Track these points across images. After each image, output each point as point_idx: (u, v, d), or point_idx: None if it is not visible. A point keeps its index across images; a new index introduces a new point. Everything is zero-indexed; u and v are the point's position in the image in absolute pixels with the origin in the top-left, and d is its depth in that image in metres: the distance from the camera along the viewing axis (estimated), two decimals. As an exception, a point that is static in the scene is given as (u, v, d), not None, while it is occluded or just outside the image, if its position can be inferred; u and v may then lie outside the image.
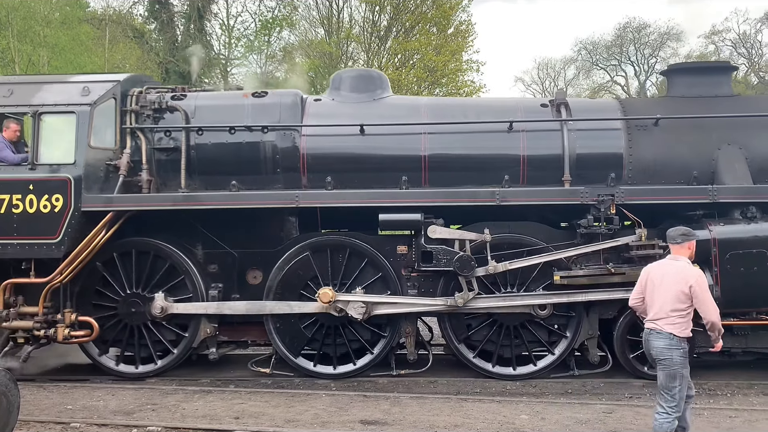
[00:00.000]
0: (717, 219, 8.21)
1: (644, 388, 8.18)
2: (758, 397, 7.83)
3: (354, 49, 29.22)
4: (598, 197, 8.23)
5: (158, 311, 8.73)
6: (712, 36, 46.42)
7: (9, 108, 8.96)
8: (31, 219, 8.63)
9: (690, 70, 9.35)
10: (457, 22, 29.16)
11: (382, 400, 7.62)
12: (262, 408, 7.33)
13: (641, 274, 5.87)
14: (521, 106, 9.22)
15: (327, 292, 8.52)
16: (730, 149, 8.57)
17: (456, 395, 7.86)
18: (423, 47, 27.39)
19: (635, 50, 48.05)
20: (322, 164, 8.88)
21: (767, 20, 44.29)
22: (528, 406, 7.28)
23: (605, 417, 6.83)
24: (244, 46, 29.17)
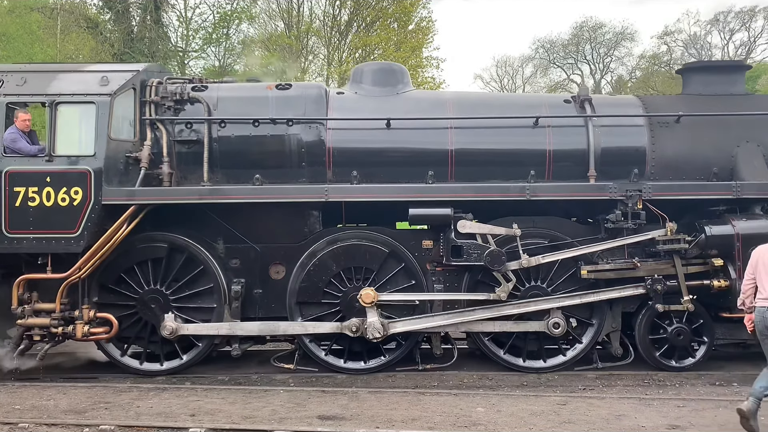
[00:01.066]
0: (739, 214, 8.41)
1: (597, 379, 8.36)
2: (705, 387, 8.06)
3: (314, 43, 29.11)
4: (626, 193, 8.36)
5: (168, 332, 8.50)
6: (664, 36, 47.76)
7: (24, 97, 8.64)
8: (49, 212, 8.35)
9: (705, 68, 9.57)
10: (418, 19, 29.39)
11: (340, 395, 7.61)
12: (219, 405, 7.24)
13: (751, 258, 6.21)
14: (545, 101, 9.32)
15: (369, 293, 8.41)
16: (748, 146, 8.80)
17: (414, 389, 7.92)
18: (384, 42, 27.44)
19: (591, 49, 49.18)
20: (347, 158, 8.81)
21: (716, 22, 45.89)
22: (484, 399, 7.38)
23: (559, 408, 6.97)
24: (203, 39, 28.55)
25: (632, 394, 7.61)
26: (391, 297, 8.60)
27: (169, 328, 8.50)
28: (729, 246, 8.23)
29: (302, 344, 8.90)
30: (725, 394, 7.65)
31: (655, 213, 8.47)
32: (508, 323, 8.59)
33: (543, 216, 8.90)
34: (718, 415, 6.68)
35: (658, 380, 8.32)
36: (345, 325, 8.51)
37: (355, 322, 8.46)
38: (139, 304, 8.80)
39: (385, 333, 8.40)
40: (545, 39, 49.59)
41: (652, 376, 8.43)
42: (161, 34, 27.16)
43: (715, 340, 8.84)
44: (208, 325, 8.68)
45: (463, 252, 8.39)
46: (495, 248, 8.33)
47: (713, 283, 8.34)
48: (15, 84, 8.62)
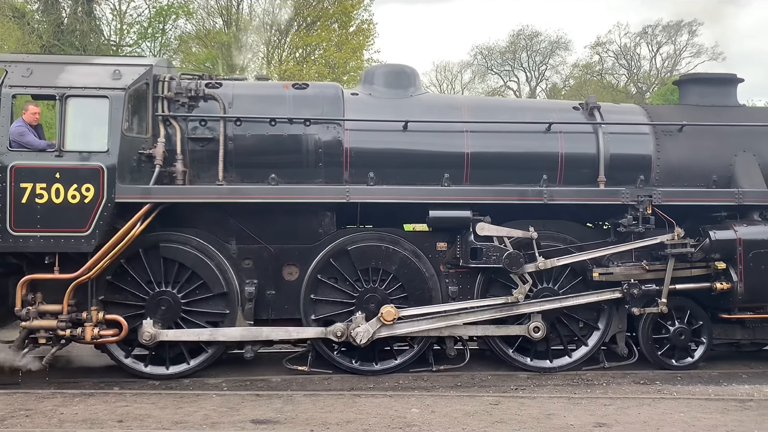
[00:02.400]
0: (739, 220, 8.85)
1: (529, 379, 8.57)
2: (630, 386, 8.35)
3: (254, 41, 28.92)
4: (638, 198, 8.67)
5: (147, 338, 8.28)
6: (596, 47, 49.61)
7: (31, 89, 8.30)
8: (58, 210, 8.05)
9: (702, 80, 9.98)
10: (359, 21, 29.60)
11: (275, 399, 7.51)
12: (148, 410, 7.03)
13: None
14: (555, 107, 9.60)
15: (390, 311, 8.43)
16: (745, 156, 9.27)
17: (350, 391, 7.95)
18: (324, 43, 27.47)
19: (527, 57, 50.56)
20: (364, 159, 8.82)
21: (645, 35, 47.94)
22: (419, 400, 7.43)
23: (491, 408, 7.08)
24: (137, 33, 27.88)
25: (562, 394, 7.83)
26: (411, 312, 8.62)
27: (147, 334, 8.27)
28: (731, 250, 8.64)
29: (316, 345, 8.85)
30: (648, 392, 7.97)
31: (662, 218, 8.79)
32: (490, 327, 8.78)
33: (552, 219, 9.10)
34: (642, 413, 6.92)
35: (587, 380, 8.59)
36: (330, 330, 8.49)
37: (340, 327, 8.46)
38: (149, 305, 8.55)
39: (371, 339, 8.44)
40: (483, 46, 50.54)
41: (581, 376, 8.69)
42: (93, 26, 26.22)
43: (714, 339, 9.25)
44: (188, 331, 8.48)
45: (481, 254, 8.50)
46: (514, 251, 8.50)
47: (716, 285, 8.73)
48: (20, 75, 8.24)
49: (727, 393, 7.97)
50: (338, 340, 8.51)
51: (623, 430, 6.38)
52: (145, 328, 8.28)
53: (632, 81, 49.99)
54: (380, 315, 8.44)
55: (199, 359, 8.73)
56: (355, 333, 8.38)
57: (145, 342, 8.31)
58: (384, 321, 8.43)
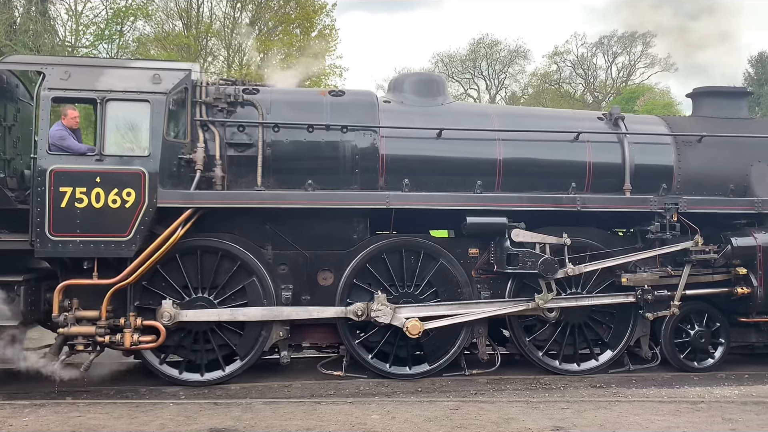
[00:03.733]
0: (757, 227, 9.24)
1: (488, 384, 8.66)
2: (587, 389, 8.51)
3: (214, 45, 28.82)
4: (665, 206, 8.98)
5: (166, 319, 8.27)
6: (554, 56, 50.82)
7: (71, 92, 8.20)
8: (98, 214, 7.97)
9: (715, 93, 10.38)
10: (321, 26, 29.76)
11: (233, 407, 7.47)
12: (103, 420, 6.87)
13: None
14: (581, 117, 9.93)
15: (416, 324, 8.52)
16: (760, 166, 9.70)
17: (310, 398, 7.90)
18: (286, 47, 27.56)
19: (487, 65, 51.40)
20: (400, 166, 8.95)
21: (601, 45, 49.35)
22: (380, 406, 7.45)
23: (451, 413, 7.15)
24: (94, 35, 26.84)
25: (521, 398, 7.93)
26: (436, 324, 8.73)
27: (167, 314, 8.25)
28: (752, 256, 9.03)
29: (350, 349, 8.92)
30: (605, 395, 8.13)
31: (685, 225, 9.13)
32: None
33: (578, 226, 9.33)
34: (598, 416, 7.07)
35: (545, 384, 8.71)
36: (350, 309, 8.60)
37: (360, 306, 8.59)
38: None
39: (392, 313, 8.55)
40: (444, 53, 51.16)
41: (539, 380, 8.82)
42: (48, 27, 25.34)
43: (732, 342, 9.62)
44: (208, 312, 8.46)
45: (517, 260, 8.69)
46: (549, 257, 8.72)
47: (737, 290, 9.09)
48: (59, 78, 8.16)
49: (680, 395, 8.18)
50: (358, 320, 8.59)
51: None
52: (165, 308, 8.24)
53: (588, 90, 51.34)
54: (406, 328, 8.54)
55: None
56: (375, 312, 8.50)
57: (165, 323, 8.25)
58: (410, 334, 8.53)
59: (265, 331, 8.70)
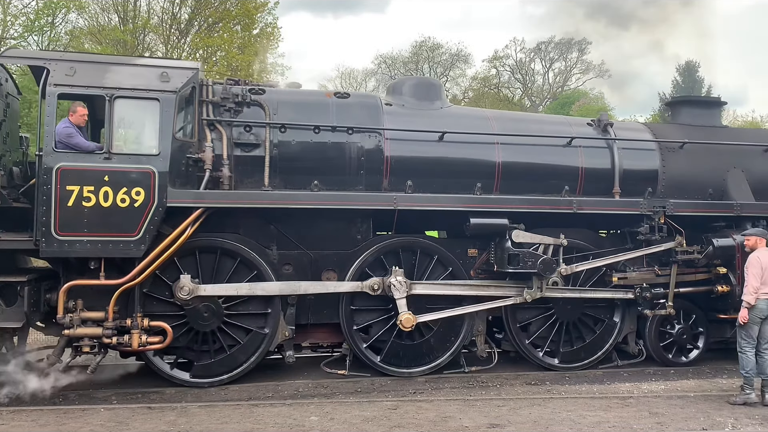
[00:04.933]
0: (735, 229, 9.81)
1: (427, 383, 8.77)
2: (522, 386, 8.67)
3: (152, 40, 28.39)
4: (654, 208, 9.45)
5: (185, 294, 8.26)
6: (494, 61, 51.96)
7: (78, 89, 8.02)
8: (106, 213, 7.84)
9: (692, 102, 11.01)
10: (263, 24, 29.60)
11: (167, 411, 7.27)
12: (28, 428, 6.64)
13: (755, 263, 7.79)
14: (572, 122, 10.30)
15: (409, 318, 8.74)
16: (736, 172, 10.30)
17: (247, 401, 7.79)
18: (227, 44, 27.43)
19: (429, 68, 52.04)
20: (403, 168, 9.12)
21: (539, 51, 50.80)
22: (318, 408, 7.43)
23: (390, 413, 7.18)
24: (23, 26, 25.95)
25: (458, 396, 8.04)
26: (428, 317, 9.01)
27: (186, 289, 8.25)
28: (731, 256, 9.58)
29: (354, 348, 9.03)
30: (539, 392, 8.36)
31: (671, 227, 9.62)
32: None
33: (570, 228, 9.68)
34: (533, 412, 7.25)
35: (482, 381, 8.84)
36: (366, 284, 8.83)
37: (376, 281, 8.83)
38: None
39: (407, 291, 8.78)
40: (387, 55, 51.45)
41: (476, 378, 8.97)
42: None
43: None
44: (227, 286, 8.50)
45: (518, 260, 8.98)
46: (548, 257, 9.05)
47: (717, 288, 9.64)
48: (64, 74, 7.97)
49: (611, 391, 8.45)
50: (374, 293, 8.81)
51: (515, 430, 6.62)
52: (183, 282, 8.23)
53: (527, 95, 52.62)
54: (399, 321, 8.73)
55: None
56: (390, 284, 8.71)
57: (184, 297, 8.23)
58: (403, 327, 8.74)
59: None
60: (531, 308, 9.56)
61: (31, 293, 7.86)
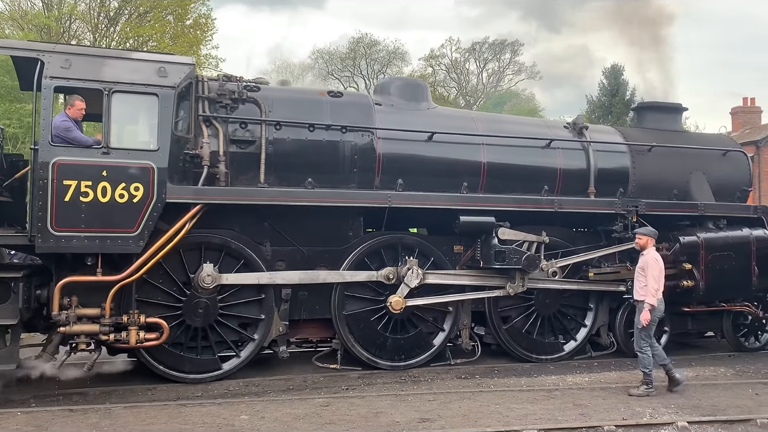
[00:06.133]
0: (699, 228, 10.47)
1: (359, 379, 8.79)
2: (453, 380, 8.75)
3: (78, 27, 27.75)
4: (628, 208, 9.98)
5: (208, 282, 8.35)
6: (430, 60, 52.78)
7: (75, 82, 7.87)
8: (104, 209, 7.74)
9: (656, 108, 11.62)
10: (196, 15, 29.36)
11: (90, 413, 7.00)
12: None
13: (654, 265, 8.10)
14: (551, 125, 10.75)
15: (399, 300, 9.05)
16: (698, 174, 10.98)
17: (175, 401, 7.61)
18: (158, 34, 27.12)
19: (366, 65, 52.38)
20: (395, 166, 9.34)
21: (473, 51, 51.97)
22: (249, 406, 7.31)
23: (322, 410, 7.14)
24: None
25: (390, 392, 8.07)
26: (417, 302, 9.29)
27: (209, 278, 8.35)
28: (695, 253, 10.21)
29: (345, 343, 9.18)
30: (469, 386, 8.45)
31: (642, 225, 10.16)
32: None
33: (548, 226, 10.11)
34: (463, 406, 7.33)
35: (413, 376, 8.95)
36: (381, 273, 9.13)
37: (391, 270, 9.14)
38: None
39: (421, 279, 9.11)
40: (324, 50, 51.39)
41: (408, 373, 9.09)
42: None
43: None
44: (249, 275, 8.63)
45: (504, 256, 9.33)
46: (532, 254, 9.44)
47: (682, 283, 10.26)
48: (60, 66, 7.81)
49: (537, 384, 8.62)
50: (389, 283, 9.10)
51: (445, 424, 6.67)
52: (206, 271, 8.31)
53: (461, 94, 53.65)
54: (389, 303, 9.05)
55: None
56: (408, 275, 9.04)
57: (205, 286, 8.34)
58: (393, 309, 9.07)
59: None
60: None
61: (26, 289, 7.68)
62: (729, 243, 10.40)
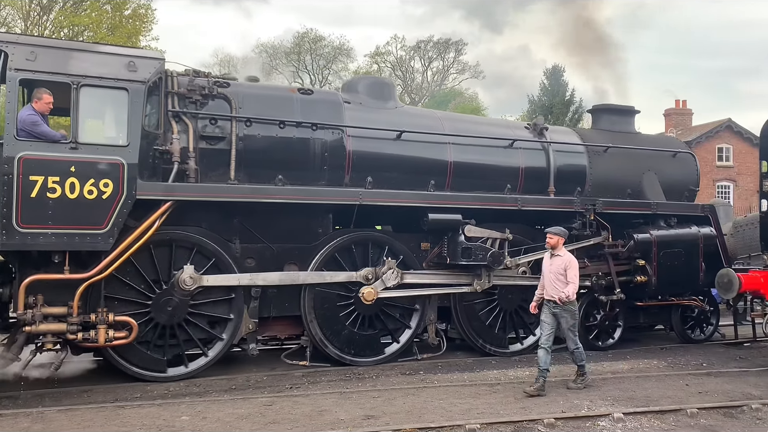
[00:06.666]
0: (651, 226, 10.93)
1: (304, 377, 8.71)
2: (398, 377, 8.79)
3: (9, 15, 27.03)
4: (586, 206, 10.34)
5: (188, 284, 8.31)
6: (375, 57, 53.07)
7: (42, 75, 7.65)
8: (72, 206, 7.58)
9: (611, 110, 12.04)
10: (135, 5, 28.90)
11: (21, 417, 6.67)
12: None
13: (575, 265, 8.10)
14: (513, 125, 11.02)
15: (371, 291, 9.20)
16: (650, 174, 11.45)
17: (113, 403, 7.35)
18: (95, 24, 26.64)
19: (311, 60, 52.25)
20: (364, 164, 9.42)
21: (418, 49, 52.54)
22: (190, 407, 7.13)
23: (265, 410, 7.01)
24: None
25: (334, 389, 8.00)
26: (389, 294, 9.41)
27: (190, 279, 8.30)
28: (648, 250, 10.66)
29: (314, 340, 9.22)
30: (413, 382, 8.47)
31: (599, 223, 10.56)
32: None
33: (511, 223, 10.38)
34: (407, 402, 7.33)
35: (358, 374, 8.88)
36: (360, 274, 9.24)
37: (369, 270, 9.26)
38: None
39: (399, 280, 9.30)
40: (269, 44, 50.96)
41: (353, 371, 9.03)
42: None
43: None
44: (229, 276, 8.61)
45: (470, 253, 9.53)
46: (496, 250, 9.68)
47: (636, 278, 10.70)
48: (24, 58, 7.58)
49: (480, 378, 8.69)
50: (367, 283, 9.21)
51: (390, 420, 6.63)
52: (187, 272, 8.26)
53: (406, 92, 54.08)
54: (362, 294, 9.18)
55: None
56: (386, 276, 9.22)
57: (188, 288, 8.29)
58: (365, 300, 9.20)
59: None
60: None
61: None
62: (679, 240, 10.91)
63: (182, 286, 8.27)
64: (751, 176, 32.68)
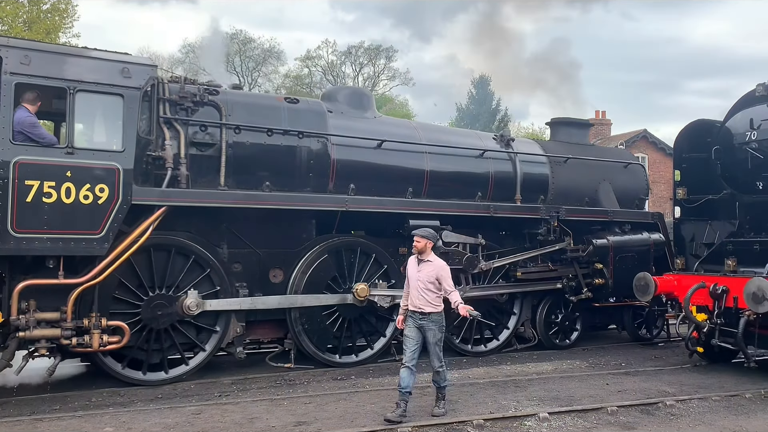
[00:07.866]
0: (608, 231, 11.66)
1: (233, 384, 8.61)
2: (330, 382, 8.76)
3: None
4: (551, 213, 10.95)
5: (192, 310, 8.47)
6: (306, 60, 53.24)
7: (37, 79, 7.59)
8: (68, 210, 7.56)
9: (568, 123, 12.76)
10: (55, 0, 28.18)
11: None
12: None
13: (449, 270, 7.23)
14: (482, 136, 11.52)
15: (364, 287, 9.52)
16: (605, 184, 12.20)
17: (30, 416, 6.99)
18: (10, 18, 26.04)
19: (240, 62, 51.93)
20: (348, 172, 9.70)
21: (349, 55, 53.11)
22: (114, 418, 6.94)
23: (194, 419, 6.87)
24: None
25: (265, 396, 7.90)
26: (380, 292, 9.77)
27: (192, 305, 8.45)
28: (606, 254, 11.39)
29: (298, 342, 9.43)
30: (345, 387, 8.46)
31: (562, 229, 11.21)
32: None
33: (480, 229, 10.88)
34: (339, 407, 7.33)
35: (289, 380, 8.86)
36: (350, 297, 9.54)
37: (363, 287, 9.57)
38: (144, 310, 8.39)
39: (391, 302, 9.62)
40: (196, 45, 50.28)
41: (283, 377, 9.01)
42: None
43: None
44: (230, 301, 8.80)
45: (447, 257, 9.93)
46: (471, 255, 10.16)
47: (595, 281, 11.40)
48: (19, 62, 7.51)
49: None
50: (360, 305, 9.57)
51: (321, 426, 6.60)
52: (191, 298, 8.41)
53: (341, 97, 53.94)
54: (355, 291, 9.53)
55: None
56: (378, 299, 9.59)
57: (192, 312, 8.47)
58: (358, 296, 9.54)
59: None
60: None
61: (-22, 294, 7.35)
62: (633, 245, 11.69)
63: (186, 312, 8.41)
64: (665, 184, 34.15)
